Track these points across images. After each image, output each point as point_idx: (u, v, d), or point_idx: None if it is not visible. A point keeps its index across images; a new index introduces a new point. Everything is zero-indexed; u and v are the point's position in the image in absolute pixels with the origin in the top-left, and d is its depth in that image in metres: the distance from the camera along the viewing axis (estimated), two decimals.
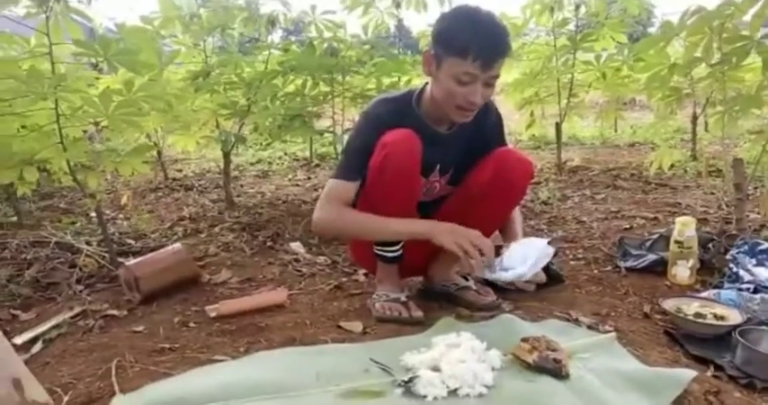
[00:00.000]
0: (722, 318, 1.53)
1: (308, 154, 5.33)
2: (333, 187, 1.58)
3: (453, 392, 1.19)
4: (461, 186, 1.73)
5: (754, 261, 1.91)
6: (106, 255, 2.19)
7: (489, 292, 1.78)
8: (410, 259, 1.74)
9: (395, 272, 1.75)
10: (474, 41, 1.40)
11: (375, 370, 1.29)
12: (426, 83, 1.62)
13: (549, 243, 1.58)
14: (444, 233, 1.48)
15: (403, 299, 1.68)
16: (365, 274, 2.03)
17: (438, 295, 1.82)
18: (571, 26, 3.82)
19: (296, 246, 2.42)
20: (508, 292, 1.82)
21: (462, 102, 1.48)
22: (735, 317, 1.53)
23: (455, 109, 1.51)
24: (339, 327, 1.60)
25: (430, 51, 1.51)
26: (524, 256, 1.54)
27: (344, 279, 2.03)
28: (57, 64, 1.91)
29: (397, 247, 1.70)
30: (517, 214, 1.83)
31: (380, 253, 1.71)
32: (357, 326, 1.59)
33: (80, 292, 1.93)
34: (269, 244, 2.48)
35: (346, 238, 1.82)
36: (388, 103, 1.61)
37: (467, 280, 1.84)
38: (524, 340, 1.33)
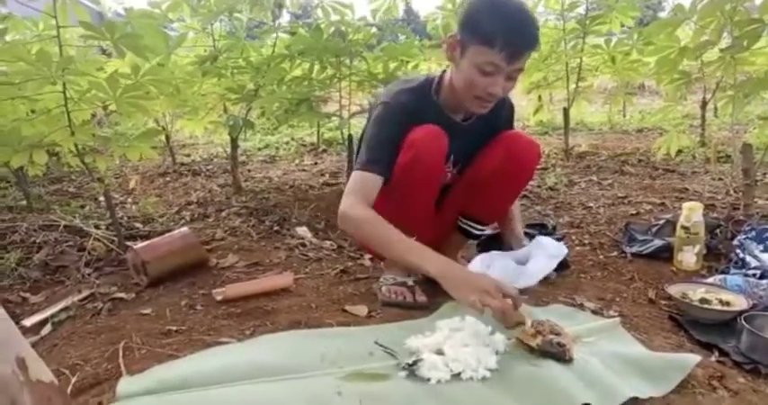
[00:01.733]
0: (728, 303, 1.53)
1: (314, 139, 5.33)
2: (362, 180, 1.51)
3: (457, 376, 1.20)
4: (469, 170, 1.73)
5: (761, 247, 1.89)
6: (114, 238, 2.20)
7: None
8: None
9: None
10: (502, 31, 1.36)
11: (379, 353, 1.30)
12: (444, 70, 1.59)
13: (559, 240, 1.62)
14: (459, 288, 1.31)
15: (410, 283, 1.68)
16: (371, 259, 2.04)
17: None
18: (581, 9, 3.78)
19: (302, 230, 2.43)
20: None
21: (482, 92, 1.45)
22: (740, 303, 1.52)
23: (473, 99, 1.48)
24: (344, 310, 1.61)
25: (456, 36, 1.46)
26: (536, 263, 1.62)
27: (350, 263, 2.04)
28: (65, 47, 1.91)
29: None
30: (516, 209, 1.83)
31: None
32: (362, 310, 1.60)
33: (88, 275, 1.95)
34: (275, 228, 2.49)
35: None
36: (409, 92, 1.58)
37: None
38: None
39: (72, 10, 2.01)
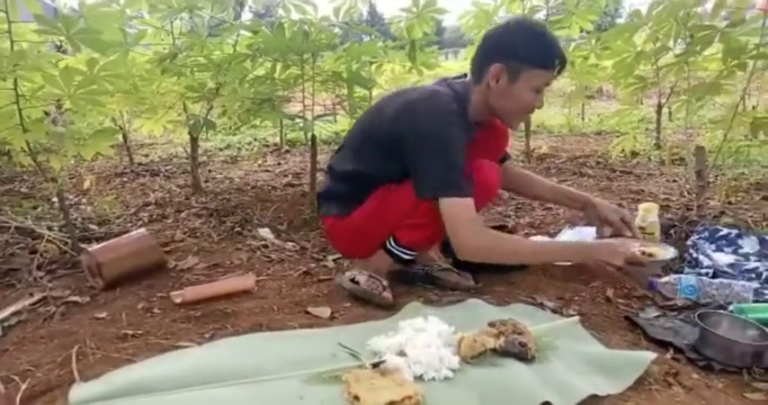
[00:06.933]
0: (651, 255, 1.68)
1: (278, 139, 5.28)
2: (463, 208, 1.54)
3: (419, 377, 1.20)
4: None
5: (713, 247, 1.95)
6: (68, 240, 2.13)
7: (469, 276, 1.80)
8: None
9: (390, 264, 1.77)
10: (555, 54, 1.56)
11: (343, 354, 1.30)
12: (461, 83, 1.68)
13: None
14: (613, 256, 1.58)
15: (384, 283, 1.69)
16: (334, 260, 2.03)
17: (414, 276, 1.83)
18: (541, 14, 3.84)
19: (264, 232, 2.40)
20: (476, 276, 1.83)
21: (530, 108, 1.63)
22: (665, 254, 1.70)
23: (521, 115, 1.66)
24: (307, 312, 1.60)
25: (499, 67, 1.56)
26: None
27: (313, 265, 2.02)
28: (17, 42, 1.84)
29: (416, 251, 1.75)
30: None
31: (398, 253, 1.71)
32: (325, 311, 1.59)
33: (41, 278, 1.89)
34: (237, 230, 2.45)
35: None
36: (457, 111, 1.60)
37: (447, 258, 1.91)
38: (491, 325, 1.35)
39: (23, 5, 1.94)
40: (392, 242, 1.71)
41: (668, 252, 1.78)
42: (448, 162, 1.54)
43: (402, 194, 1.62)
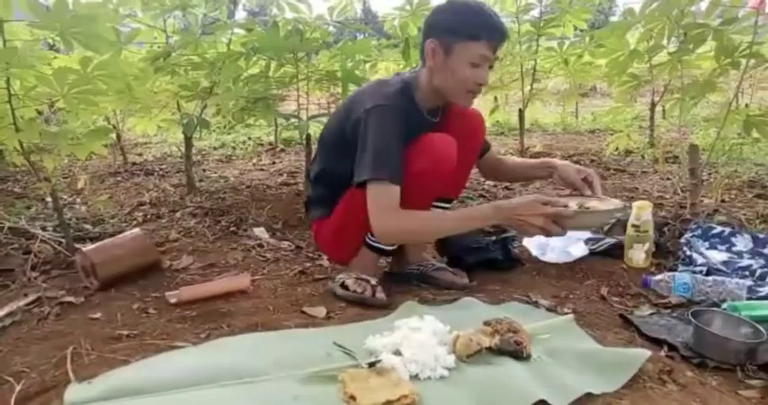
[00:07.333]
0: (587, 208, 1.60)
1: (272, 138, 5.27)
2: (382, 192, 1.53)
3: (415, 376, 1.20)
4: None
5: (706, 244, 1.97)
6: (62, 240, 2.13)
7: (464, 275, 1.81)
8: None
9: (375, 259, 1.77)
10: (485, 25, 1.54)
11: (338, 354, 1.29)
12: (413, 72, 1.67)
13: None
14: (531, 213, 1.51)
15: (373, 282, 1.68)
16: (329, 259, 2.02)
17: (408, 276, 1.83)
18: (535, 12, 3.84)
19: (259, 231, 2.39)
20: (471, 274, 1.84)
21: (473, 85, 1.58)
22: (604, 207, 1.61)
23: (465, 93, 1.61)
24: (302, 312, 1.59)
25: (433, 42, 1.56)
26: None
27: (308, 264, 2.02)
28: (9, 41, 1.83)
29: None
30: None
31: (378, 245, 1.71)
32: (321, 311, 1.59)
33: (35, 278, 1.87)
34: (232, 229, 2.45)
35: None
36: (398, 94, 1.60)
37: (442, 257, 1.91)
38: (486, 323, 1.35)
39: (16, 3, 1.92)
40: (370, 236, 1.71)
41: (608, 204, 1.64)
42: (376, 149, 1.53)
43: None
